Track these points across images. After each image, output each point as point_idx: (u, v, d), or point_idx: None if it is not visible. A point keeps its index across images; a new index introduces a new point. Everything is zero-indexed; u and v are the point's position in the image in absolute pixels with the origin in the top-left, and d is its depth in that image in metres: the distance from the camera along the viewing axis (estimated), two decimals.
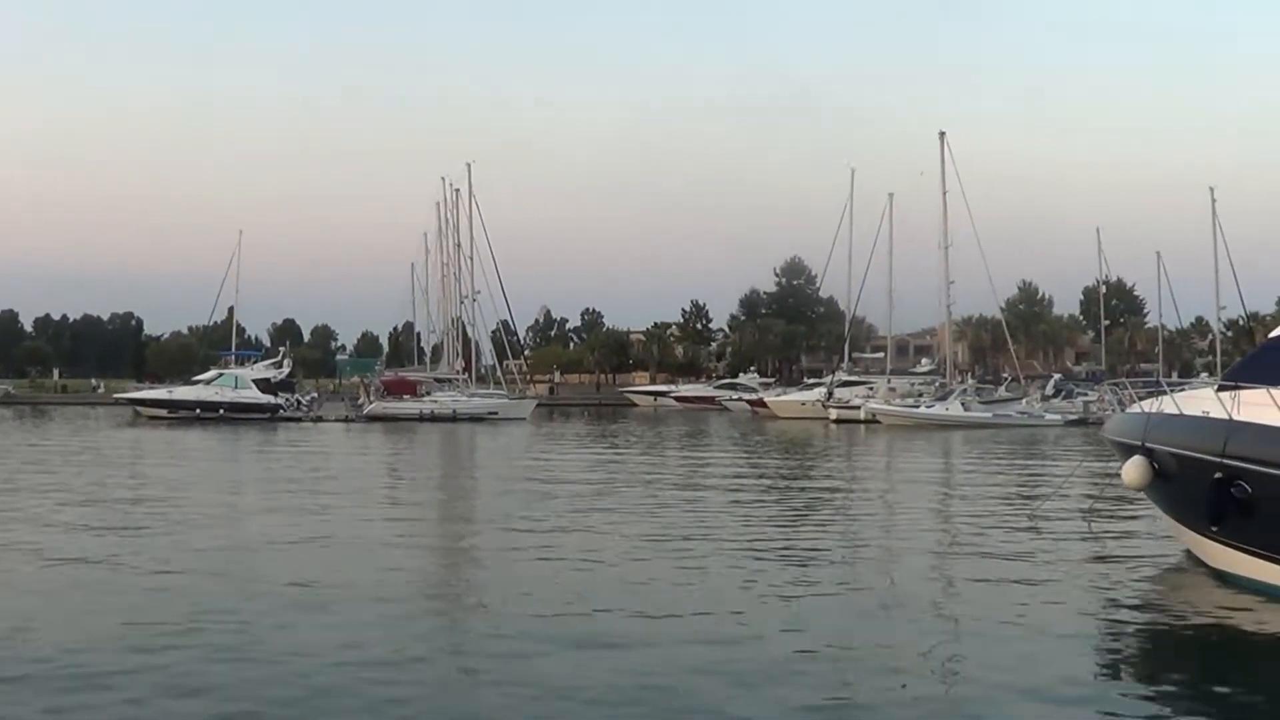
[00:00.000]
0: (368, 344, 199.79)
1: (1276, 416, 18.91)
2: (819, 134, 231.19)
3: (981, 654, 16.40)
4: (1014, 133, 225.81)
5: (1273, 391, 19.11)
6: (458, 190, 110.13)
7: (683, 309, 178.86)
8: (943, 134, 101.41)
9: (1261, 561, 19.64)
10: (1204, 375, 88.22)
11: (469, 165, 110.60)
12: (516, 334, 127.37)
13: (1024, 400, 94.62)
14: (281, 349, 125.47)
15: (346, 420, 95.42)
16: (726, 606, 19.15)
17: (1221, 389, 21.47)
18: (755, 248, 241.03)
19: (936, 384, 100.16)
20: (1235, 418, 19.89)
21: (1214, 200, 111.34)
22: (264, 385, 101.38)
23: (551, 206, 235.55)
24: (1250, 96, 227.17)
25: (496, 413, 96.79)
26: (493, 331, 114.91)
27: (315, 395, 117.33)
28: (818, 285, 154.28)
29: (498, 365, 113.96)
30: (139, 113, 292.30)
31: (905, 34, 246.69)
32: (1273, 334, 23.35)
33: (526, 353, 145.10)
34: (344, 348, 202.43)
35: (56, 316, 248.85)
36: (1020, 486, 40.37)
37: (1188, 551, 23.09)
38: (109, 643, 16.13)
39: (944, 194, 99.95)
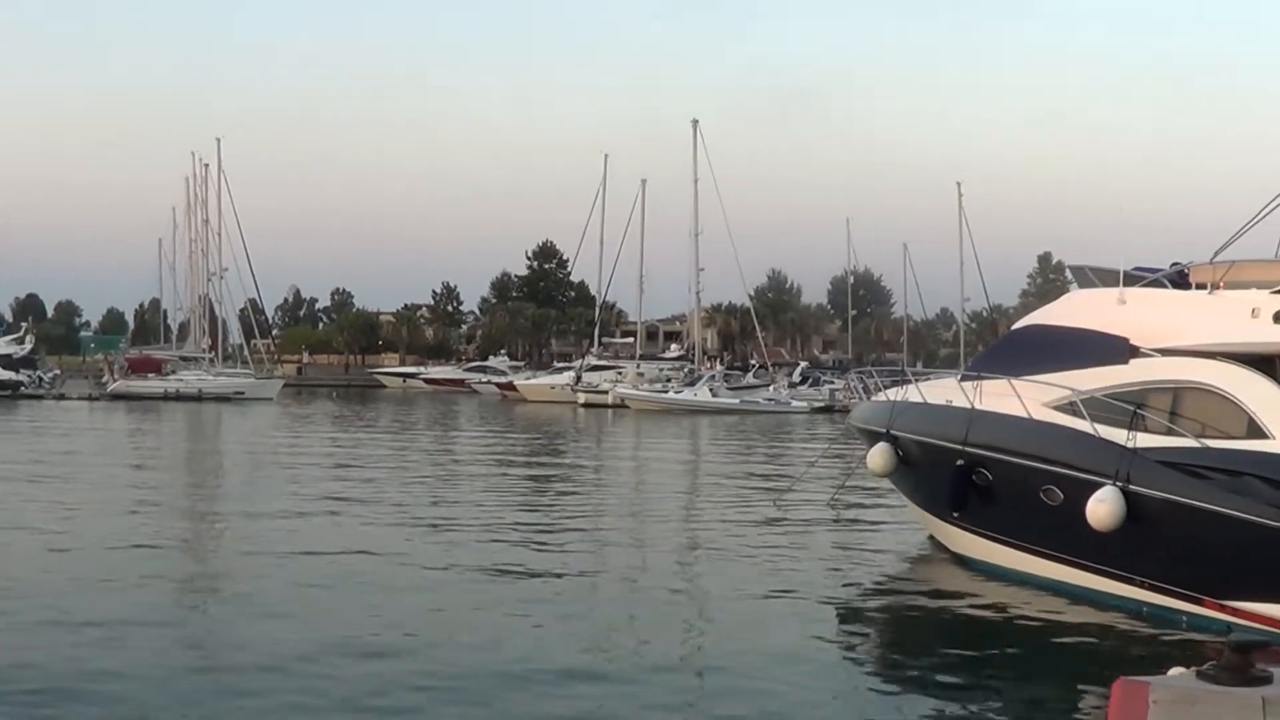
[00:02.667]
0: (113, 321, 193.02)
1: (1016, 406, 19.52)
2: (575, 118, 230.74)
3: (727, 637, 16.69)
4: (769, 123, 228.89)
5: (1013, 382, 19.69)
6: (207, 165, 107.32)
7: (434, 291, 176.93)
8: (695, 122, 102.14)
9: (1000, 546, 20.31)
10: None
11: (219, 140, 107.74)
12: (265, 313, 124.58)
13: (771, 387, 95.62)
14: (24, 325, 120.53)
15: (90, 398, 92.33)
16: (471, 587, 19.27)
17: (964, 379, 22.07)
18: (507, 230, 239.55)
19: (685, 370, 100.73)
20: (977, 407, 20.47)
21: (961, 195, 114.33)
22: (4, 362, 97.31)
23: (302, 185, 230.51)
24: (997, 93, 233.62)
25: (243, 392, 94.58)
26: (240, 310, 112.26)
27: (58, 373, 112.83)
28: (569, 269, 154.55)
29: (245, 344, 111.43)
30: None
31: (654, 17, 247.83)
32: (1015, 326, 24.08)
33: (275, 332, 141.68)
34: (88, 324, 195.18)
35: None
36: (767, 472, 40.93)
37: (931, 537, 23.72)
38: None
39: (695, 182, 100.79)
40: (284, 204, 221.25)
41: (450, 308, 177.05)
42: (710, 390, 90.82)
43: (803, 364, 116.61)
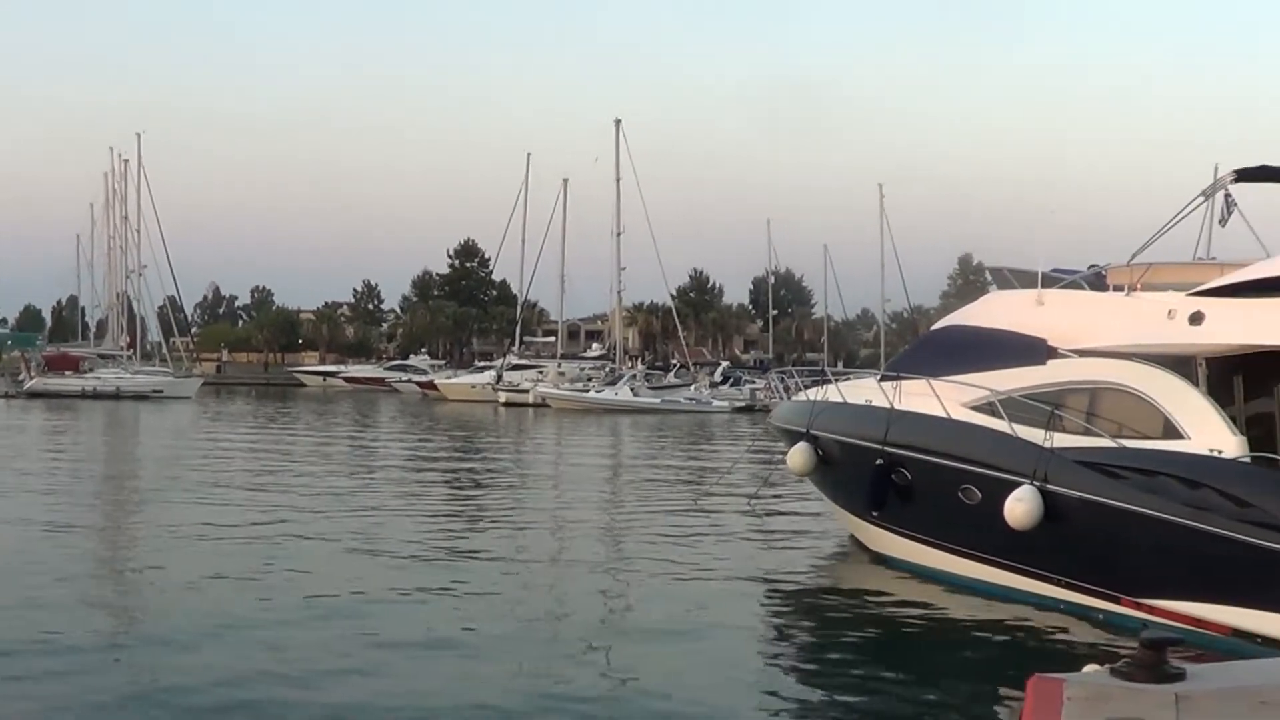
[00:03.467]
0: (30, 318, 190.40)
1: (935, 406, 19.64)
2: (498, 116, 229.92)
3: (647, 636, 16.69)
4: (691, 124, 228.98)
5: (932, 382, 19.80)
6: (126, 161, 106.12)
7: (354, 289, 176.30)
8: (618, 121, 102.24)
9: (920, 545, 20.43)
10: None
11: (139, 136, 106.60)
12: (184, 311, 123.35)
13: (692, 387, 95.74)
14: None
15: (6, 396, 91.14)
16: (392, 587, 19.11)
17: (884, 379, 22.18)
18: (429, 229, 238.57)
19: (606, 369, 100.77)
20: (896, 407, 20.57)
21: (882, 196, 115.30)
22: None
23: (223, 182, 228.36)
24: (920, 94, 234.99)
25: (162, 391, 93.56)
26: (159, 307, 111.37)
27: None
28: (491, 268, 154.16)
29: (164, 342, 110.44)
30: None
31: (569, 21, 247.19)
32: (934, 327, 24.22)
33: (194, 330, 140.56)
34: (4, 322, 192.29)
35: None
36: (688, 472, 40.96)
37: (851, 536, 23.76)
38: None
39: (618, 181, 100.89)
40: (204, 200, 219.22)
41: (371, 306, 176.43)
42: (631, 390, 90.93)
43: (724, 363, 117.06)
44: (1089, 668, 8.44)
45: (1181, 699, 7.30)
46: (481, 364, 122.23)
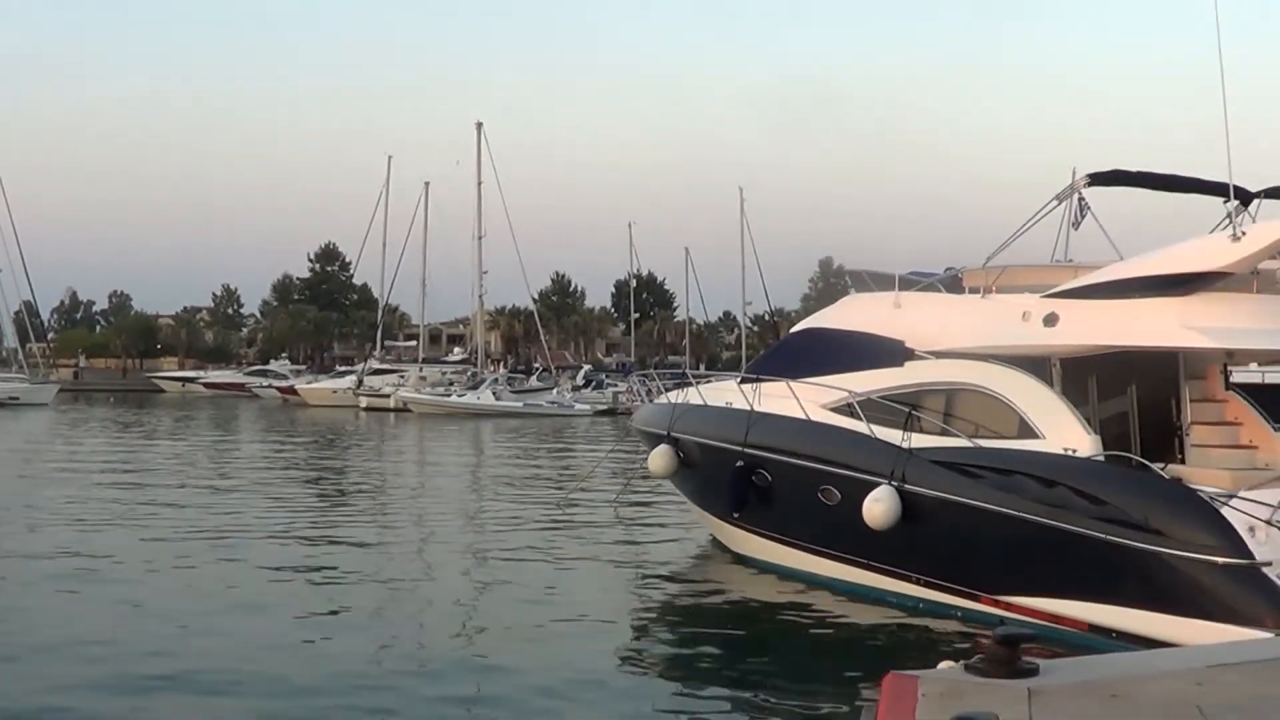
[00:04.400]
0: None
1: (795, 408, 19.67)
2: (360, 118, 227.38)
3: (510, 639, 16.50)
4: (552, 128, 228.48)
5: (792, 384, 19.84)
6: None
7: (214, 293, 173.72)
8: (479, 125, 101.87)
9: (780, 545, 20.43)
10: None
11: None
12: (40, 315, 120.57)
13: (555, 390, 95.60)
14: None
15: None
16: (249, 590, 18.96)
17: (744, 381, 22.15)
18: (290, 232, 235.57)
19: (468, 373, 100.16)
20: (756, 409, 20.60)
21: (743, 200, 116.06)
22: None
23: (80, 185, 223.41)
24: (778, 98, 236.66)
25: (17, 397, 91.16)
26: (15, 312, 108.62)
27: None
28: (352, 272, 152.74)
29: (20, 348, 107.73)
30: None
31: (429, 23, 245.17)
32: (793, 329, 24.26)
33: (51, 335, 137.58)
34: None
35: None
36: (550, 475, 40.75)
37: (712, 537, 23.74)
38: None
39: (479, 184, 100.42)
40: (60, 203, 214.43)
41: (231, 310, 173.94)
42: (493, 393, 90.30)
43: (586, 367, 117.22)
44: (944, 664, 8.54)
45: (1034, 693, 7.60)
46: (342, 369, 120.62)
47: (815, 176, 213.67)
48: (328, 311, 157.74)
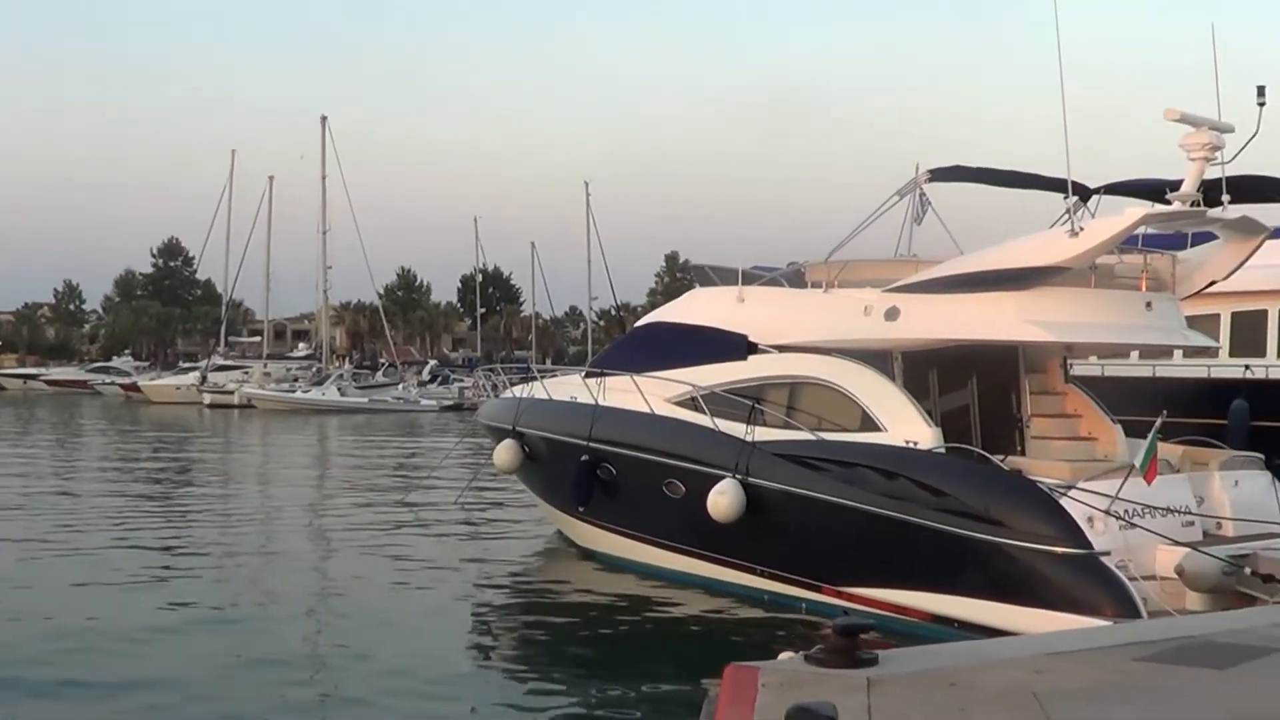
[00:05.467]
0: None
1: (639, 402, 19.58)
2: (204, 112, 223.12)
3: (356, 635, 16.16)
4: (397, 122, 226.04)
5: (636, 378, 19.75)
6: None
7: (55, 289, 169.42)
8: (324, 118, 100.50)
9: (626, 539, 20.34)
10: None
11: None
12: None
13: (400, 386, 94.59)
14: None
15: None
16: (93, 591, 18.46)
17: (589, 375, 21.99)
18: (132, 227, 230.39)
19: (313, 369, 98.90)
20: (601, 403, 20.48)
21: (589, 194, 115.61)
22: None
23: None
24: (627, 92, 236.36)
25: None
26: None
27: None
28: (195, 267, 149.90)
29: None
30: None
31: (275, 16, 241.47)
32: (638, 323, 24.18)
33: None
34: None
35: None
36: (396, 471, 40.16)
37: (559, 531, 23.56)
38: None
39: (324, 179, 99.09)
40: None
41: (72, 307, 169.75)
42: (338, 389, 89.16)
43: (432, 362, 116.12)
44: (784, 655, 8.45)
45: (873, 683, 7.53)
46: (186, 365, 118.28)
47: (663, 170, 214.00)
48: (171, 307, 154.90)
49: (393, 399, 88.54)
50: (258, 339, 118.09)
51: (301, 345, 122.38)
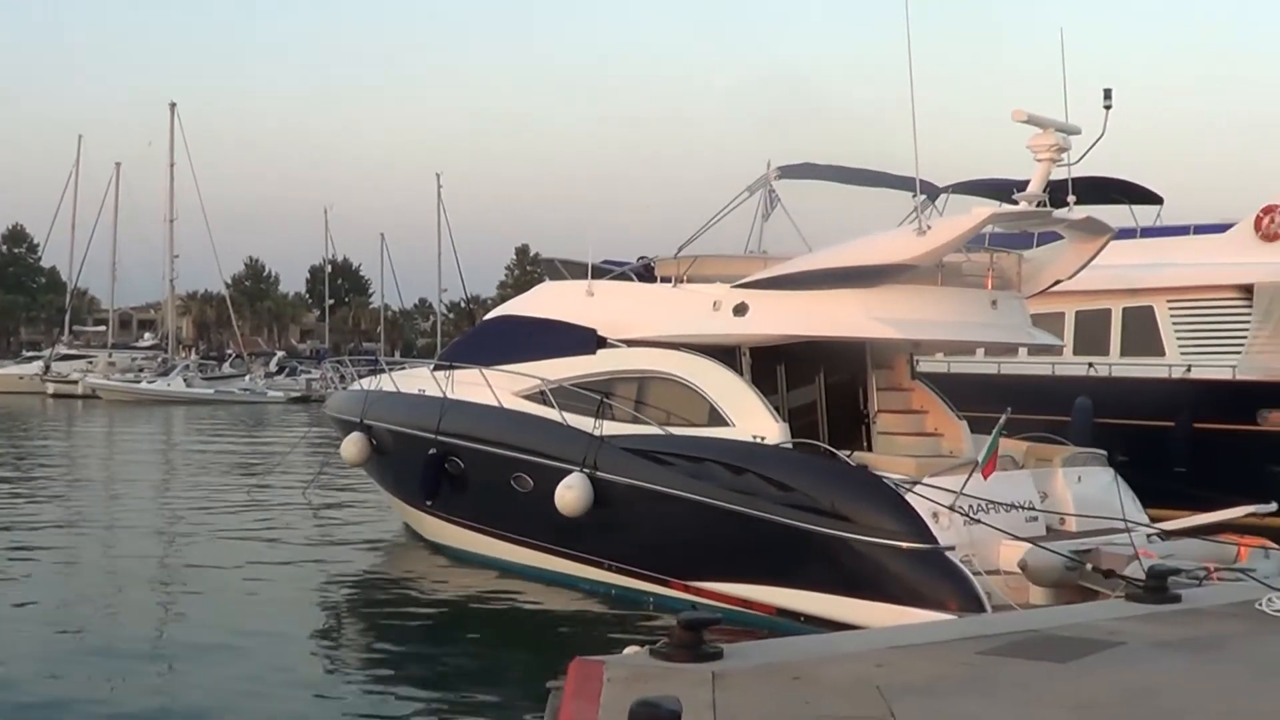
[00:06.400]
0: None
1: (488, 395, 19.38)
2: (50, 98, 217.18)
3: (201, 629, 15.85)
4: (248, 111, 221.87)
5: (485, 371, 19.57)
6: None
7: None
8: (173, 105, 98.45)
9: (474, 533, 20.11)
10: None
11: None
12: None
13: (247, 377, 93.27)
14: None
15: None
16: None
17: (437, 368, 21.78)
18: None
19: (159, 359, 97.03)
20: (449, 396, 20.27)
21: (440, 186, 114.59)
22: None
23: None
24: (476, 87, 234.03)
25: None
26: None
27: None
28: (40, 254, 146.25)
29: None
30: None
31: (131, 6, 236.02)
32: (487, 316, 24.00)
33: None
34: None
35: None
36: (242, 463, 39.44)
37: (407, 525, 23.26)
38: None
39: (172, 166, 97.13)
40: None
41: None
42: (185, 380, 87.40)
43: (279, 353, 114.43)
44: (630, 649, 8.48)
45: (718, 676, 7.62)
46: (29, 354, 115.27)
47: (515, 163, 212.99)
48: (14, 295, 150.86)
49: (239, 390, 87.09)
50: (103, 328, 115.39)
51: (147, 335, 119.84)
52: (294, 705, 13.05)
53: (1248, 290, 24.14)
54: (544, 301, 21.01)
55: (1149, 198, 28.04)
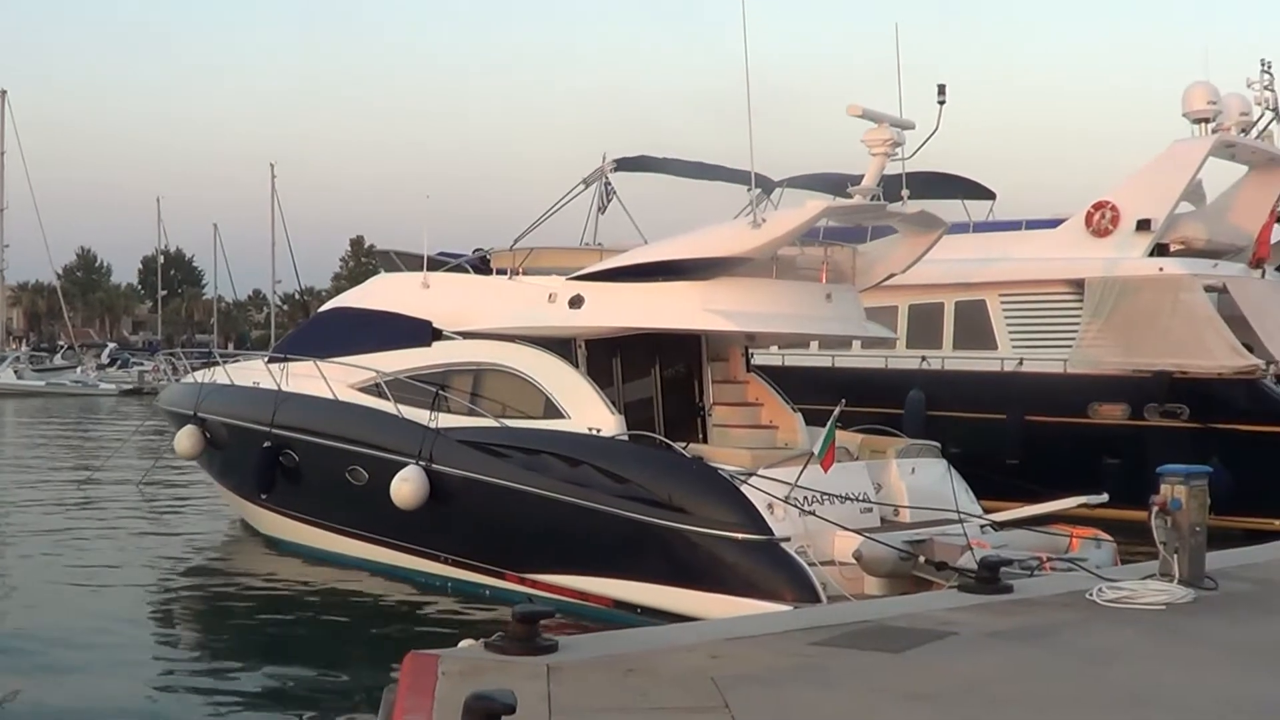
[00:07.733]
0: None
1: (323, 388, 19.09)
2: None
3: (30, 624, 15.52)
4: (82, 98, 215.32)
5: (319, 364, 19.26)
6: None
7: None
8: (4, 92, 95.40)
9: (309, 527, 19.77)
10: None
11: None
12: None
13: (79, 369, 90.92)
14: None
15: None
16: None
17: (271, 361, 21.44)
18: None
19: None
20: (284, 389, 19.88)
21: (274, 176, 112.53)
22: None
23: None
24: (313, 76, 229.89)
25: None
26: None
27: None
28: None
29: None
30: None
31: None
32: (322, 308, 23.65)
33: None
34: None
35: None
36: (73, 456, 38.39)
37: (241, 519, 22.81)
38: None
39: (2, 155, 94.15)
40: None
41: None
42: (14, 372, 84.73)
43: (111, 345, 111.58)
44: (465, 642, 8.45)
45: (553, 669, 7.67)
46: None
47: (350, 153, 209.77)
48: None
49: (71, 382, 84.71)
50: None
51: None
52: (125, 705, 12.62)
53: (1079, 285, 24.46)
54: (379, 293, 20.66)
55: (982, 193, 28.41)
